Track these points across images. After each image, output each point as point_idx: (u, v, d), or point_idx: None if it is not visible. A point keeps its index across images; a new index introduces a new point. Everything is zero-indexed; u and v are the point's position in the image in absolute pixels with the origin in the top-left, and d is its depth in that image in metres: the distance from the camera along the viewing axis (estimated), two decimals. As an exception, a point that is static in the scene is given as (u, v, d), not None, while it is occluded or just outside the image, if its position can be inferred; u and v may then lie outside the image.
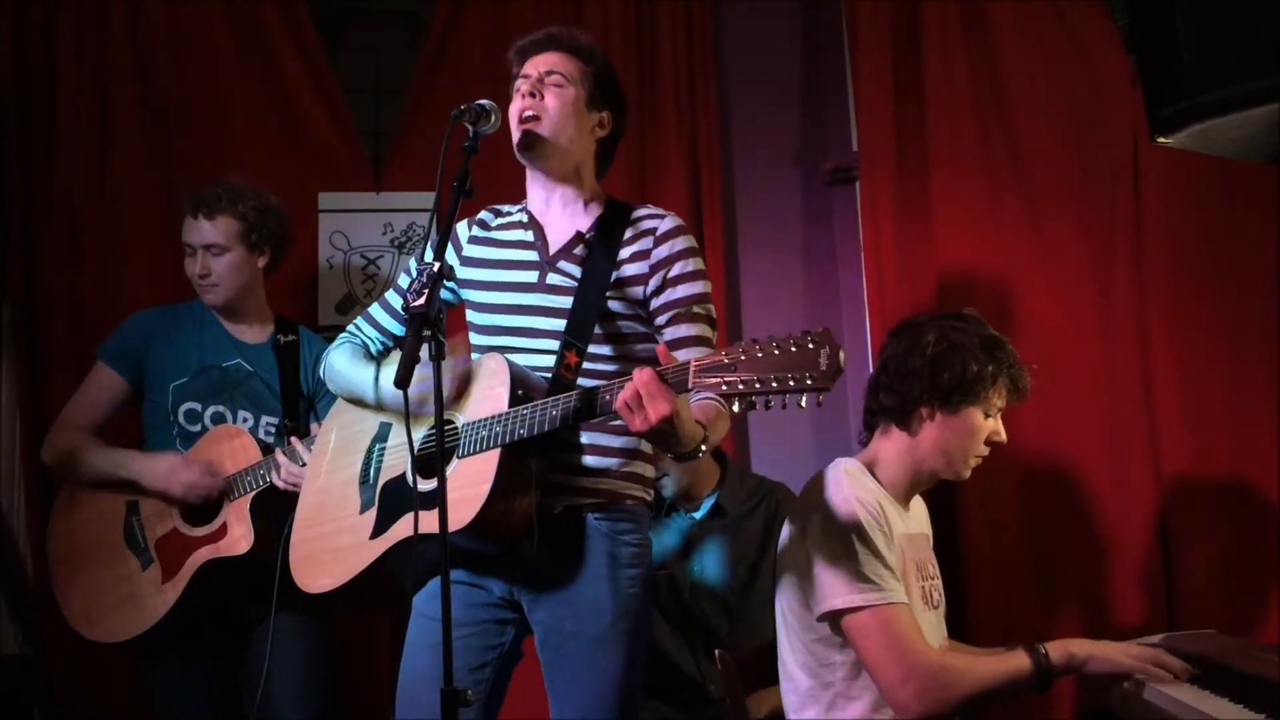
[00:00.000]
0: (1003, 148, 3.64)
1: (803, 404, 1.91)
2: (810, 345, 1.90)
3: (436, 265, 2.05)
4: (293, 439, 2.87)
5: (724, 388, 1.95)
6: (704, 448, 2.16)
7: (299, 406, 3.17)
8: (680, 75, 3.80)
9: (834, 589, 2.34)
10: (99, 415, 3.13)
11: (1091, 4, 3.61)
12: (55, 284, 3.52)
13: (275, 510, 2.94)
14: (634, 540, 2.38)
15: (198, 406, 3.11)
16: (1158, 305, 3.51)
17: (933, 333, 2.51)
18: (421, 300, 2.00)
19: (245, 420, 3.12)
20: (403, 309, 2.47)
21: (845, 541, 2.35)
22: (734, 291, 3.86)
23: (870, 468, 2.53)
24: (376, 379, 2.47)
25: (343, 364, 2.57)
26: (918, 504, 2.64)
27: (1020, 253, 3.60)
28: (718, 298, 3.69)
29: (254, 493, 2.93)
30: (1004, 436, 2.54)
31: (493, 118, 2.28)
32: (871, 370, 3.56)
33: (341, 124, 3.74)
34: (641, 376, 2.03)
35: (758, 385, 1.92)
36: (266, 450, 2.97)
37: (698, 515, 3.25)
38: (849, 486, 2.43)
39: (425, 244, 2.49)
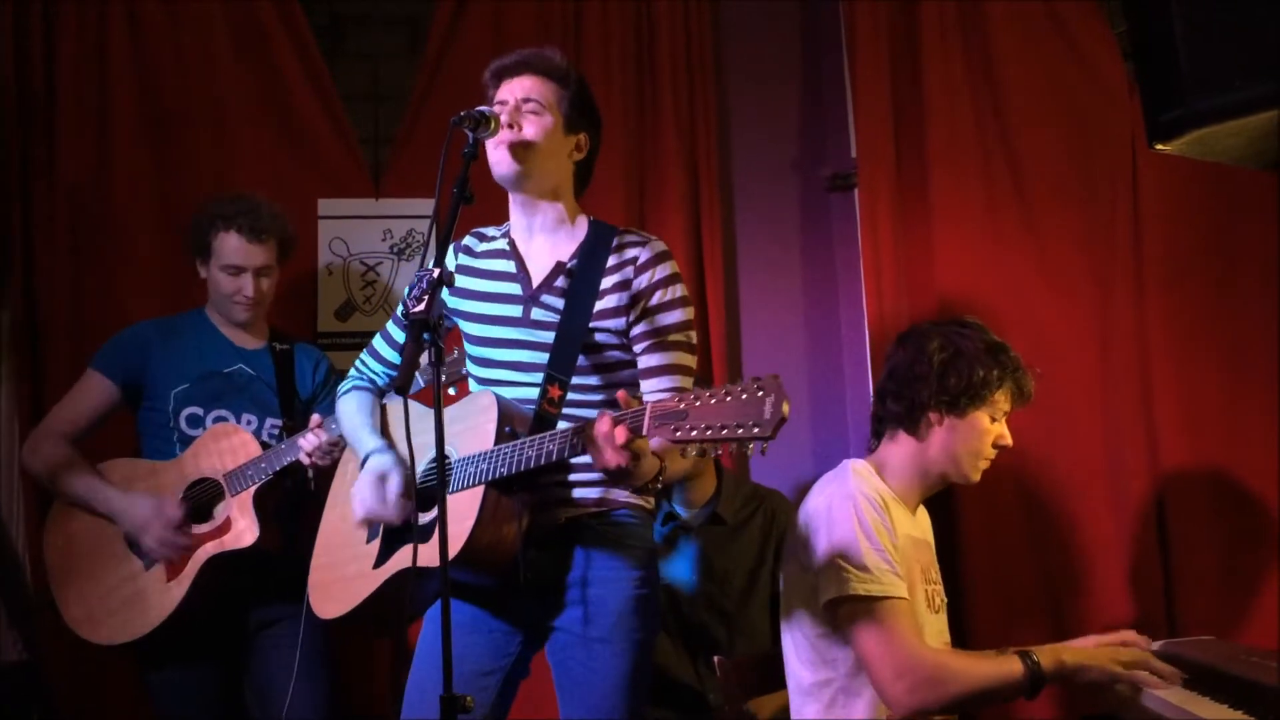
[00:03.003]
0: (1001, 154, 3.64)
1: (749, 452, 1.94)
2: (759, 394, 1.93)
3: (436, 271, 2.05)
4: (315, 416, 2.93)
5: (677, 435, 1.99)
6: (660, 481, 2.26)
7: (297, 408, 3.20)
8: (679, 80, 3.80)
9: (837, 579, 2.38)
10: (84, 423, 3.15)
11: (1089, 11, 3.62)
12: (55, 290, 3.51)
13: (278, 502, 3.02)
14: (636, 543, 2.41)
15: (200, 411, 3.13)
16: (1156, 311, 3.52)
17: (937, 339, 2.56)
18: (422, 306, 2.01)
19: (249, 423, 3.15)
20: (403, 315, 2.50)
21: (850, 535, 2.39)
22: (733, 298, 3.86)
23: (879, 470, 2.57)
24: (364, 460, 2.45)
25: (347, 415, 2.58)
26: (922, 513, 2.68)
27: (1019, 258, 3.61)
28: (716, 305, 3.73)
29: (256, 486, 2.97)
30: (1009, 440, 2.59)
31: (492, 124, 2.29)
32: (873, 378, 3.61)
33: (341, 130, 3.74)
34: (600, 429, 2.10)
35: (708, 433, 1.95)
36: (267, 450, 3.02)
37: (692, 521, 3.25)
38: (855, 483, 2.48)
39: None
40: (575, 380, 2.37)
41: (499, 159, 2.38)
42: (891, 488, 2.55)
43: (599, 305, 2.38)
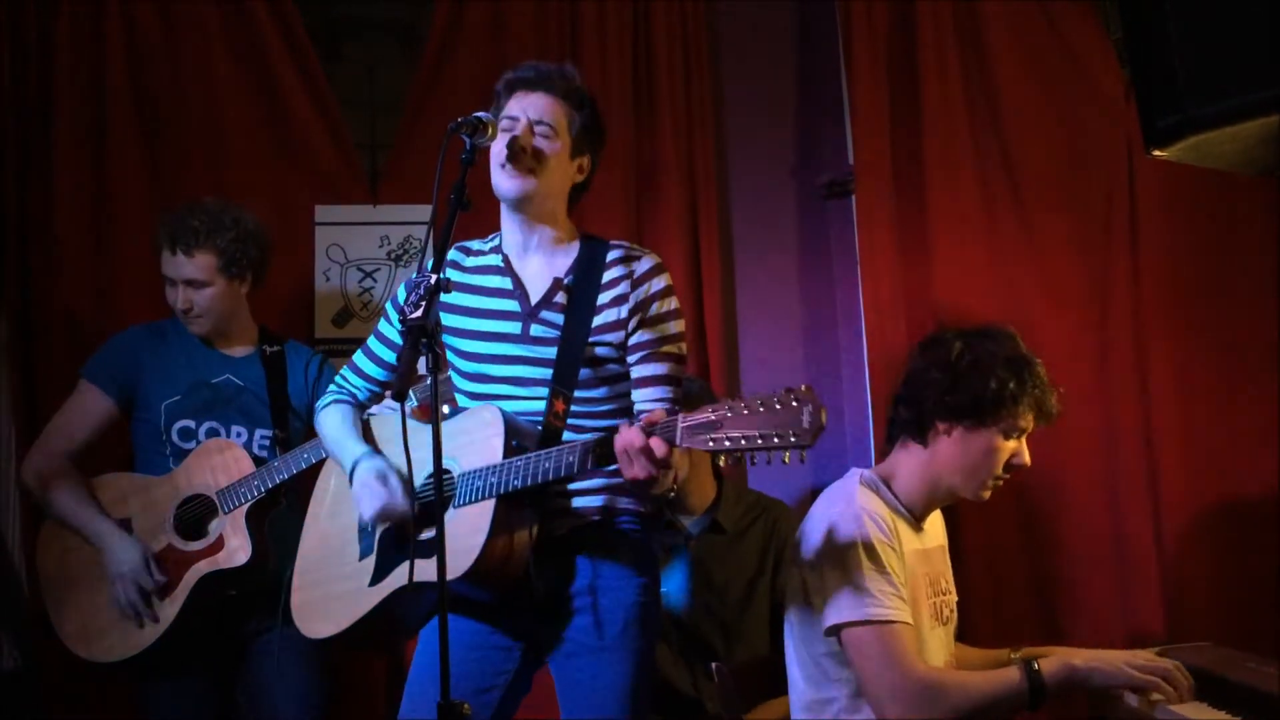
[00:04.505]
0: (998, 162, 3.65)
1: (786, 460, 1.96)
2: (794, 403, 1.95)
3: (434, 277, 2.04)
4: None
5: (711, 445, 2.01)
6: (674, 490, 2.26)
7: (288, 417, 3.17)
8: (676, 88, 3.79)
9: (840, 603, 2.35)
10: (82, 438, 3.12)
11: (1086, 18, 3.63)
12: (51, 299, 3.50)
13: (271, 519, 3.00)
14: (639, 552, 2.41)
15: (191, 424, 3.11)
16: (1153, 318, 3.52)
17: (958, 346, 2.48)
18: (419, 312, 2.00)
19: (239, 435, 3.12)
20: (400, 321, 2.48)
21: (854, 556, 2.36)
22: (730, 305, 3.86)
23: (887, 480, 2.52)
24: (354, 466, 2.42)
25: (330, 429, 2.55)
26: (936, 516, 2.62)
27: (1017, 265, 3.61)
28: (713, 312, 3.72)
29: (249, 503, 2.95)
30: (1027, 460, 2.48)
31: (489, 130, 2.27)
32: (870, 386, 3.61)
33: (338, 137, 3.74)
34: (627, 440, 2.09)
35: (743, 443, 1.97)
36: (259, 463, 3.00)
37: (691, 528, 3.24)
38: (862, 500, 2.43)
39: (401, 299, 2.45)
40: (578, 394, 2.37)
41: (504, 180, 2.37)
42: (899, 499, 2.49)
43: (598, 320, 2.38)
